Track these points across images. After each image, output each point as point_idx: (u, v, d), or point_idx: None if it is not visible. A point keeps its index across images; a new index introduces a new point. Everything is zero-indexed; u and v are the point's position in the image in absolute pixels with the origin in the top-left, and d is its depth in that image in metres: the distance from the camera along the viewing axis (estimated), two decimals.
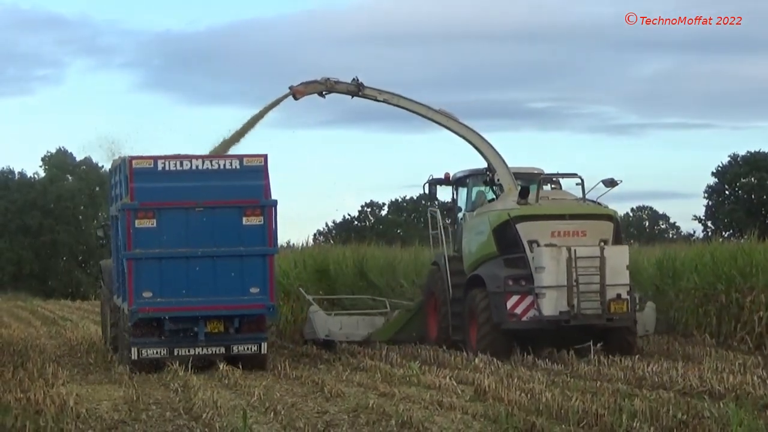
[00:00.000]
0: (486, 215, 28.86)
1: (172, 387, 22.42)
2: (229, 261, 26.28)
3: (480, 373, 23.04)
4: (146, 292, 26.07)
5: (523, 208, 28.08)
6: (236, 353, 26.61)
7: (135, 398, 20.61)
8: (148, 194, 26.02)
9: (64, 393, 20.64)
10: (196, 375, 24.23)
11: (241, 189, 26.26)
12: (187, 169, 26.27)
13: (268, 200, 26.36)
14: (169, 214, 26.17)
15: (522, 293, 27.20)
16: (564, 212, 28.27)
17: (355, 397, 20.54)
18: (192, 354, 26.24)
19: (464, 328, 28.61)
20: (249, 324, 26.80)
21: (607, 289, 26.97)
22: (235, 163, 26.58)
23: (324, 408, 19.38)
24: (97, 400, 20.90)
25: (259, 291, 26.31)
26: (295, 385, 22.95)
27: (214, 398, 19.86)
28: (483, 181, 30.49)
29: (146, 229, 25.99)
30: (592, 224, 28.15)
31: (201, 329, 26.31)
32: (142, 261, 26.08)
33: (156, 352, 26.33)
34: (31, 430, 15.63)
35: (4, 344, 32.95)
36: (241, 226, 26.26)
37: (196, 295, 26.21)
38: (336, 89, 31.02)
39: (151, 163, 26.28)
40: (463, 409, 18.57)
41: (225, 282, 26.24)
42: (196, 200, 26.15)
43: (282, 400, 20.12)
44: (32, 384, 22.15)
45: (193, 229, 26.21)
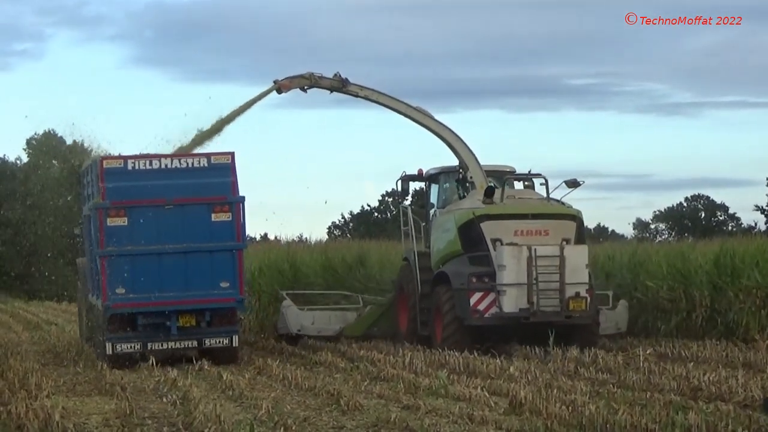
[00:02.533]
0: (452, 213, 32.63)
1: (170, 399, 22.49)
2: (199, 256, 29.79)
3: (515, 383, 23.34)
4: (119, 289, 29.55)
5: (488, 208, 31.77)
6: (208, 346, 30.16)
7: (128, 411, 20.58)
8: (119, 193, 29.57)
9: (49, 406, 20.21)
10: (196, 386, 24.59)
11: (210, 186, 29.81)
12: (156, 168, 29.87)
13: (236, 197, 30.02)
14: (140, 212, 29.62)
15: (485, 290, 30.90)
16: (527, 212, 31.82)
17: (375, 410, 20.54)
18: (165, 348, 29.90)
19: (431, 324, 32.25)
20: (220, 317, 30.37)
21: (566, 287, 30.64)
22: (203, 161, 30.21)
23: (340, 422, 19.46)
24: (86, 413, 20.95)
25: (229, 285, 29.93)
26: (308, 397, 23.01)
27: (217, 411, 19.75)
28: (455, 179, 34.14)
29: (118, 227, 29.44)
30: (555, 224, 31.83)
31: (173, 324, 29.86)
32: (114, 258, 29.61)
33: (130, 347, 29.69)
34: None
35: None
36: (210, 222, 29.72)
37: (168, 291, 29.76)
38: (320, 84, 34.52)
39: (121, 162, 30.03)
40: (497, 423, 18.71)
41: (196, 277, 29.77)
42: (166, 198, 29.62)
43: (293, 414, 20.14)
44: (13, 396, 22.05)
45: (164, 226, 29.63)
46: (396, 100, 34.52)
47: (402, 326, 34.10)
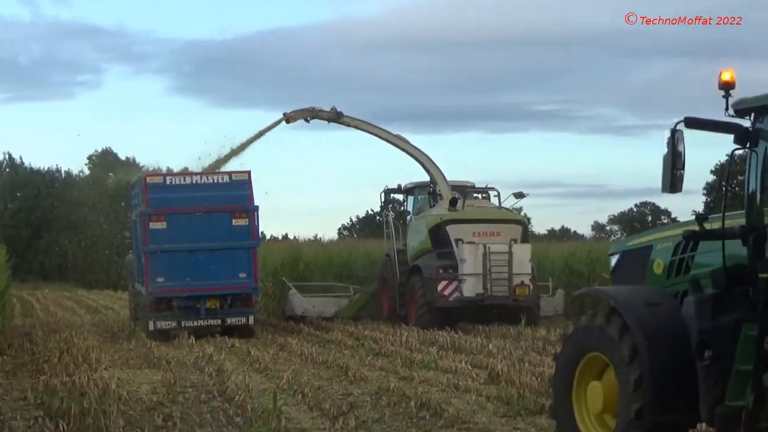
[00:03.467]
0: (424, 219, 34.70)
1: (207, 371, 22.39)
2: (222, 253, 31.03)
3: (493, 358, 23.35)
4: (159, 278, 30.93)
5: (452, 214, 33.85)
6: (229, 324, 31.27)
7: (172, 381, 20.58)
8: (160, 203, 31.11)
9: (107, 377, 20.56)
10: (228, 360, 24.70)
11: (231, 198, 31.29)
12: (189, 183, 31.55)
13: (252, 206, 31.61)
14: (176, 218, 31.00)
15: (449, 279, 32.86)
16: (483, 217, 33.99)
17: (377, 380, 20.49)
18: (195, 325, 31.10)
19: (407, 306, 34.08)
20: (239, 301, 31.54)
21: (513, 277, 32.60)
22: (225, 178, 31.96)
23: (348, 390, 19.40)
24: (137, 383, 20.75)
25: (246, 275, 31.35)
26: (322, 369, 22.96)
27: (246, 381, 20.08)
28: (427, 192, 35.86)
29: (158, 229, 30.90)
30: (505, 227, 33.80)
31: (202, 306, 31.08)
32: (155, 254, 31.05)
33: (167, 324, 31.06)
34: (76, 411, 15.61)
35: (51, 331, 33.14)
36: (231, 226, 31.14)
37: (198, 280, 30.93)
38: (320, 116, 35.96)
39: (161, 179, 31.85)
40: (478, 391, 18.67)
41: (219, 269, 30.98)
42: (197, 207, 30.97)
43: (309, 383, 20.11)
44: (77, 368, 22.07)
45: (195, 229, 30.90)
46: (380, 129, 36.24)
47: (384, 309, 35.88)
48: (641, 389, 11.33)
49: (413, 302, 33.57)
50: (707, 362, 10.97)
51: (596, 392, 11.94)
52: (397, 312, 34.59)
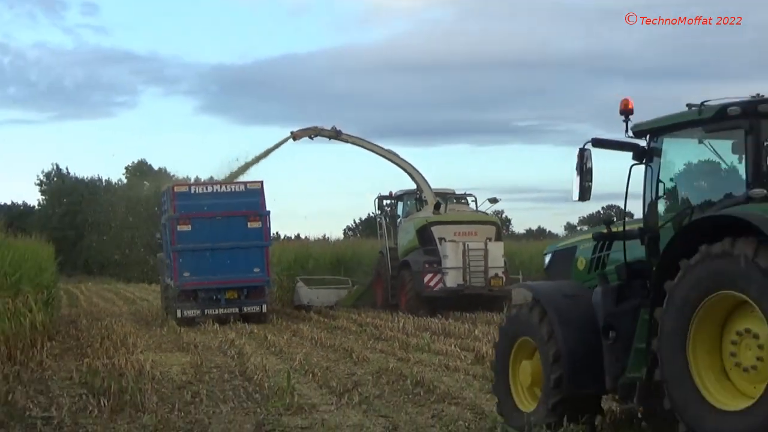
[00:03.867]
0: (412, 221, 35.06)
1: (230, 354, 22.24)
2: (239, 251, 31.59)
3: (479, 342, 23.12)
4: (186, 273, 31.55)
5: (437, 216, 34.24)
6: (246, 312, 31.81)
7: (199, 363, 20.43)
8: (185, 209, 31.74)
9: (142, 359, 20.52)
10: (248, 344, 24.51)
11: (246, 204, 31.88)
12: (210, 192, 32.12)
13: (264, 211, 32.09)
14: (200, 221, 31.64)
15: (434, 272, 33.24)
16: (463, 219, 34.30)
17: (378, 361, 20.39)
18: (217, 313, 31.61)
19: (398, 296, 34.51)
20: (254, 292, 32.16)
21: (488, 270, 33.06)
22: (241, 187, 32.62)
23: (352, 370, 19.26)
24: (169, 364, 20.57)
25: (259, 270, 31.80)
26: (329, 352, 22.75)
27: (264, 363, 20.00)
28: (414, 198, 36.52)
29: (185, 231, 31.49)
30: (481, 227, 34.13)
31: (222, 296, 31.72)
32: (182, 252, 31.67)
33: (193, 312, 31.60)
34: (115, 389, 15.58)
35: (93, 320, 33.01)
36: (246, 228, 31.71)
37: (219, 274, 31.50)
38: (322, 134, 36.52)
39: (187, 188, 32.68)
40: (466, 371, 18.58)
41: (237, 265, 31.57)
42: (217, 212, 31.65)
43: (319, 364, 19.96)
44: (116, 352, 22.01)
45: (215, 231, 31.48)
46: (373, 144, 36.91)
47: (378, 298, 36.23)
48: (558, 363, 11.92)
49: (403, 292, 33.99)
50: (611, 342, 11.57)
51: (526, 370, 12.50)
52: (390, 301, 34.92)
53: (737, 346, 10.28)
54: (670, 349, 10.62)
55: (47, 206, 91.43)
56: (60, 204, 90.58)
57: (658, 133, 11.65)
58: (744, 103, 10.80)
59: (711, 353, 10.44)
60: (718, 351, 10.45)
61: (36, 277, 26.85)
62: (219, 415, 14.34)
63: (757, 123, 10.71)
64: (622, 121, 11.73)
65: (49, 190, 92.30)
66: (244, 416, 14.19)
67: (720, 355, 10.43)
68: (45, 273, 28.95)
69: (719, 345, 10.45)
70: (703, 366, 10.42)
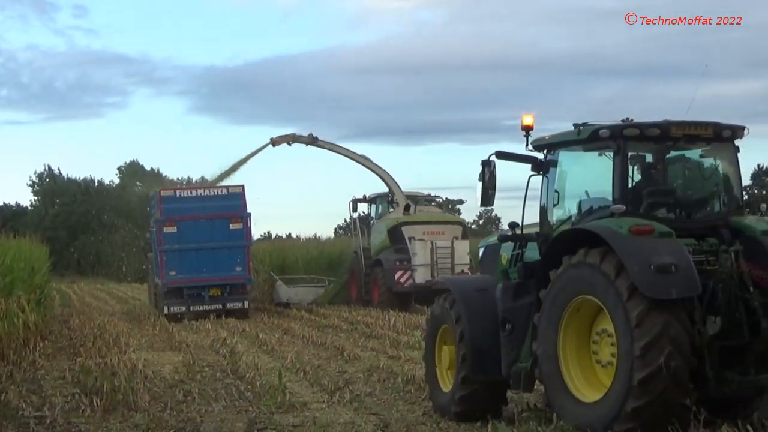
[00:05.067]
0: (384, 221, 36.07)
1: (221, 353, 21.81)
2: (222, 251, 32.54)
3: None
4: (172, 272, 32.50)
5: (407, 217, 35.38)
6: (229, 308, 32.72)
7: (191, 362, 19.95)
8: (171, 212, 32.66)
9: (135, 358, 20.04)
10: (240, 343, 23.78)
11: (228, 207, 32.84)
12: (195, 195, 33.24)
13: (245, 213, 32.99)
14: (185, 224, 32.48)
15: (404, 269, 34.26)
16: (431, 220, 35.39)
17: (369, 359, 20.07)
18: (201, 309, 32.38)
19: (371, 292, 35.57)
20: (236, 289, 33.10)
21: (455, 266, 33.89)
22: (223, 191, 33.72)
23: (344, 368, 18.92)
24: (161, 363, 20.07)
25: (241, 269, 32.85)
26: (321, 350, 22.33)
27: (255, 361, 19.52)
28: (387, 200, 37.39)
29: (171, 233, 32.52)
30: (448, 227, 35.30)
31: (206, 293, 32.66)
32: (169, 252, 32.57)
33: (179, 309, 32.41)
34: (108, 388, 15.36)
35: (86, 319, 31.96)
36: (228, 229, 32.73)
37: (203, 272, 32.44)
38: (299, 140, 37.58)
39: (173, 192, 33.76)
40: None
41: (220, 264, 32.54)
42: (201, 214, 32.53)
43: (310, 363, 19.54)
44: (108, 351, 21.49)
45: (200, 232, 32.39)
46: (348, 150, 37.95)
47: (352, 294, 37.15)
48: (463, 348, 12.84)
49: (376, 288, 35.18)
50: (507, 334, 12.43)
51: (446, 353, 13.42)
52: (363, 297, 35.91)
53: (598, 344, 11.21)
54: (545, 346, 11.52)
55: (40, 207, 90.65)
56: (52, 204, 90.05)
57: (553, 148, 12.49)
58: (612, 127, 11.69)
59: (579, 351, 11.37)
60: (587, 349, 11.35)
61: (29, 278, 26.57)
62: (211, 413, 13.85)
63: (623, 145, 11.60)
64: (523, 136, 12.63)
65: (41, 191, 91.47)
66: (236, 414, 13.73)
67: (588, 353, 11.34)
68: (38, 273, 28.66)
69: (588, 343, 11.35)
70: (571, 362, 11.38)
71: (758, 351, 10.98)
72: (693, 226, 11.74)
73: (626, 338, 10.55)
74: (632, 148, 11.78)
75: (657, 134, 11.70)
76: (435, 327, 13.80)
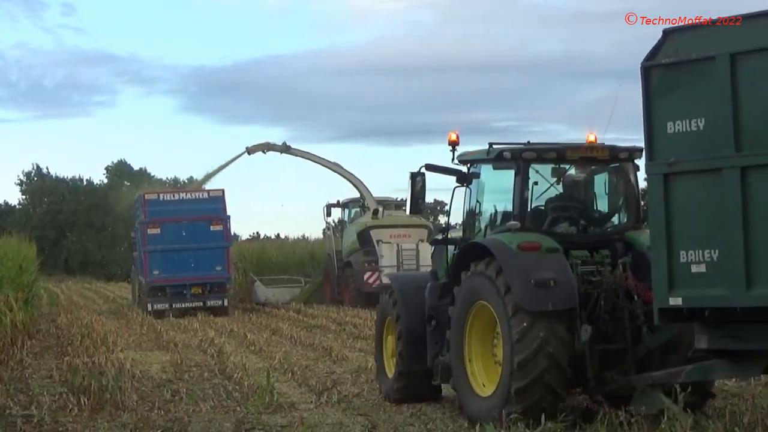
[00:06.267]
0: (355, 225, 36.95)
1: (209, 353, 21.13)
2: (203, 251, 33.89)
3: None
4: (155, 271, 33.80)
5: (375, 221, 36.17)
6: (209, 305, 33.74)
7: (179, 362, 19.42)
8: (155, 214, 33.91)
9: (122, 358, 19.44)
10: (228, 343, 23.01)
11: (209, 209, 34.32)
12: (177, 199, 34.82)
13: (225, 215, 34.51)
14: (168, 225, 33.86)
15: (372, 270, 35.18)
16: (398, 223, 36.15)
17: (357, 360, 19.58)
18: (183, 306, 33.51)
19: (342, 292, 36.57)
20: (216, 288, 34.27)
21: (420, 268, 34.36)
22: (204, 194, 35.33)
23: (332, 369, 18.45)
24: (149, 363, 19.58)
25: (221, 268, 34.19)
26: (309, 351, 21.71)
27: (243, 361, 18.94)
28: (358, 205, 38.34)
29: (155, 234, 33.89)
30: (414, 230, 36.10)
31: (188, 291, 33.92)
32: (152, 252, 33.87)
33: (161, 306, 33.40)
34: (95, 387, 15.14)
35: (73, 318, 31.02)
36: (209, 231, 34.16)
37: (184, 272, 33.71)
38: (274, 149, 38.66)
39: (157, 195, 35.07)
40: None
41: (201, 264, 33.87)
42: (183, 217, 33.94)
43: (298, 363, 18.98)
44: (96, 350, 20.69)
45: (182, 234, 33.83)
46: (320, 158, 38.97)
47: (326, 294, 38.15)
48: (401, 340, 13.85)
49: (347, 288, 36.19)
50: (432, 329, 13.38)
51: (390, 343, 14.42)
52: (336, 297, 36.79)
53: (496, 345, 12.08)
54: (454, 345, 12.50)
55: (28, 206, 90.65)
56: (40, 203, 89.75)
57: (475, 162, 13.30)
58: (513, 149, 12.60)
59: (483, 350, 12.31)
60: (489, 348, 12.31)
61: (17, 277, 26.39)
62: (199, 413, 13.31)
63: (522, 166, 12.49)
64: (450, 151, 13.43)
65: (29, 190, 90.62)
66: (224, 415, 13.20)
67: (490, 352, 12.33)
68: (26, 272, 28.44)
69: (490, 343, 12.29)
70: (475, 360, 12.35)
71: (639, 354, 11.74)
72: (590, 240, 12.57)
73: (509, 349, 11.46)
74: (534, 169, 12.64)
75: (553, 157, 12.65)
76: (382, 319, 14.67)
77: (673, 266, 10.13)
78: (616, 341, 11.80)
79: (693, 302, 10.06)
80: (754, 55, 9.54)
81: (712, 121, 9.80)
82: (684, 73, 10.01)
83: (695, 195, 9.99)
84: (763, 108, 9.52)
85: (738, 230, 9.67)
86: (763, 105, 9.55)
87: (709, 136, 9.86)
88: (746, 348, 10.27)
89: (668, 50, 10.18)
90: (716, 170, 9.81)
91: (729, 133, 9.68)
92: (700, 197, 9.95)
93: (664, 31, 10.28)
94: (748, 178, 9.59)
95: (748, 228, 9.63)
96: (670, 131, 10.14)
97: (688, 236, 10.03)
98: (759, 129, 9.54)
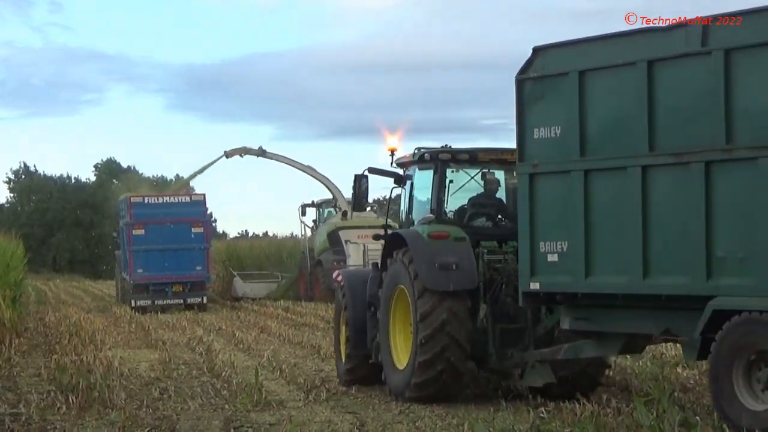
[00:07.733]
0: (326, 225, 37.90)
1: (198, 351, 20.47)
2: (184, 252, 35.17)
3: None
4: (139, 270, 35.04)
5: (344, 222, 37.04)
6: (189, 302, 34.87)
7: (167, 360, 18.81)
8: (140, 216, 35.09)
9: (111, 356, 18.80)
10: (216, 341, 22.29)
11: (191, 212, 35.74)
12: (160, 202, 36.08)
13: (206, 218, 36.22)
14: (152, 227, 35.05)
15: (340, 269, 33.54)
16: (364, 224, 36.59)
17: None
18: (165, 303, 34.65)
19: (313, 289, 37.58)
20: (196, 286, 35.48)
21: None
22: (186, 198, 36.74)
23: (320, 367, 17.93)
24: (137, 361, 19.02)
25: (201, 268, 35.44)
26: (297, 349, 21.10)
27: (232, 359, 18.31)
28: (331, 206, 39.33)
29: (139, 235, 35.12)
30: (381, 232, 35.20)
31: (170, 289, 35.14)
32: (136, 252, 35.09)
33: (145, 303, 34.48)
34: (83, 386, 15.01)
35: (61, 316, 30.39)
36: (191, 232, 35.58)
37: (167, 271, 34.87)
38: (250, 152, 39.89)
39: (141, 198, 36.23)
40: None
41: (182, 263, 35.11)
42: (166, 219, 35.23)
43: (286, 361, 18.42)
44: (84, 348, 20.15)
45: (165, 235, 35.09)
46: (294, 161, 40.25)
47: (300, 291, 39.20)
48: (348, 327, 15.18)
49: (317, 285, 37.15)
50: (371, 315, 14.50)
51: (343, 332, 15.52)
52: (308, 293, 37.79)
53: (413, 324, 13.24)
54: (382, 323, 13.82)
55: (16, 204, 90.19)
56: (28, 202, 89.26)
57: (408, 165, 14.52)
58: (431, 151, 13.84)
59: (404, 328, 13.56)
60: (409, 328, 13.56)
61: (4, 274, 26.14)
62: (187, 411, 12.85)
63: (439, 167, 13.78)
64: (389, 156, 15.07)
65: (17, 188, 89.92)
66: (213, 412, 12.77)
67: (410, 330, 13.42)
68: (13, 270, 28.23)
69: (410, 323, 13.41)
70: (398, 338, 13.69)
71: (538, 333, 12.94)
72: (500, 233, 13.83)
73: (415, 327, 12.90)
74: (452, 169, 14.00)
75: (467, 158, 13.96)
76: (338, 311, 15.59)
77: (534, 255, 11.71)
78: (518, 321, 13.00)
79: (547, 287, 11.62)
80: (599, 72, 11.18)
81: (565, 129, 11.36)
82: (547, 86, 11.57)
83: (552, 193, 11.55)
84: (604, 118, 11.15)
85: (581, 225, 11.22)
86: (603, 115, 11.19)
87: (563, 141, 11.40)
88: (595, 329, 11.67)
89: (537, 65, 11.69)
90: (566, 172, 11.39)
91: (576, 140, 11.26)
92: (555, 196, 11.50)
93: (533, 48, 11.75)
94: (589, 180, 11.17)
95: (589, 224, 11.20)
96: (536, 137, 11.73)
97: (546, 229, 11.57)
98: (599, 137, 11.15)
